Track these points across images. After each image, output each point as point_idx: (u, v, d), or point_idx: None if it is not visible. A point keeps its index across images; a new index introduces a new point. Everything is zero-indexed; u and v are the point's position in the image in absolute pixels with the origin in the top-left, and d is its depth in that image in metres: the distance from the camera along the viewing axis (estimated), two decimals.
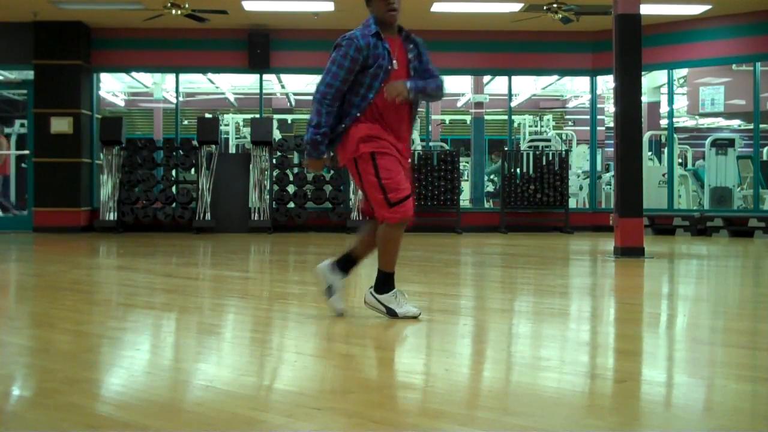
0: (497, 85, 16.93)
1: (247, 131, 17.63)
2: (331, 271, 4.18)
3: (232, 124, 19.41)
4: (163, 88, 17.06)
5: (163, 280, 6.68)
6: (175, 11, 11.28)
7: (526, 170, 13.61)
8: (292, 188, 13.40)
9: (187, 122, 18.76)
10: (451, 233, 12.99)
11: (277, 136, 14.88)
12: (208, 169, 13.12)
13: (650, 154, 15.27)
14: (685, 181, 14.34)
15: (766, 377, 3.08)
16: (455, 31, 13.44)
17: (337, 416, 2.41)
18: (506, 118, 15.40)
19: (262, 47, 13.48)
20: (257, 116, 14.34)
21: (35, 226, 13.13)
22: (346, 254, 4.22)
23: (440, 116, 20.72)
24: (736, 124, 20.62)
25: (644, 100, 13.99)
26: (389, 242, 4.06)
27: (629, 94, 8.40)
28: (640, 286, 6.43)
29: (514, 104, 16.47)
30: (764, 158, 14.70)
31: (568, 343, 3.83)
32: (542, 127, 20.82)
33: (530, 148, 15.74)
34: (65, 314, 4.62)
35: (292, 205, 13.26)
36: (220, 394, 2.68)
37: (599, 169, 15.80)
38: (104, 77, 16.21)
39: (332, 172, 13.51)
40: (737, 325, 4.40)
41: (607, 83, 16.34)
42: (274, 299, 5.42)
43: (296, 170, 13.61)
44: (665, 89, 14.92)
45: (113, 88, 19.41)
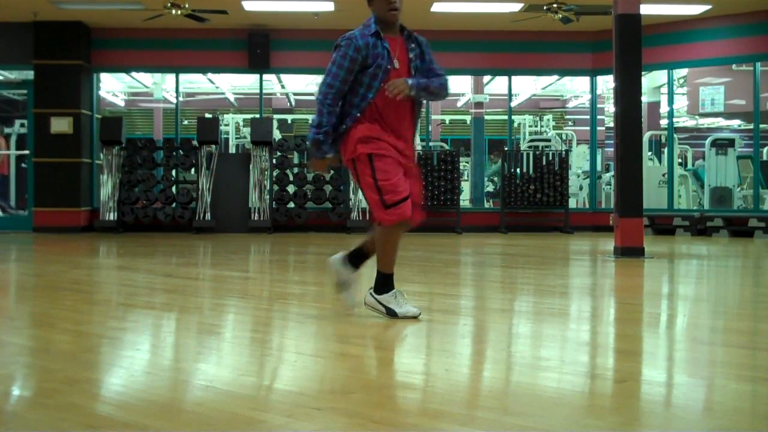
0: (497, 85, 16.93)
1: (247, 131, 17.63)
2: (342, 264, 4.19)
3: (232, 124, 19.41)
4: (163, 88, 17.06)
5: (163, 280, 6.68)
6: (175, 11, 11.29)
7: (526, 170, 13.61)
8: (292, 188, 13.40)
9: (187, 122, 18.76)
10: (451, 233, 12.99)
11: (277, 136, 14.89)
12: (208, 169, 13.13)
13: (650, 154, 15.27)
14: (685, 181, 14.34)
15: (766, 377, 3.08)
16: (455, 31, 13.44)
17: (337, 416, 2.41)
18: (506, 118, 15.40)
19: (262, 47, 13.48)
20: (257, 116, 14.34)
21: (35, 226, 13.13)
22: (357, 248, 4.22)
23: (440, 116, 20.73)
24: (736, 124, 20.62)
25: (644, 100, 13.99)
26: (386, 243, 4.06)
27: (629, 94, 8.40)
28: (640, 286, 6.43)
29: (514, 104, 16.47)
30: (764, 158, 14.71)
31: (568, 343, 3.83)
32: (542, 127, 20.82)
33: (530, 148, 15.74)
34: (65, 314, 4.62)
35: (292, 205, 13.26)
36: (220, 394, 2.68)
37: (599, 169, 15.80)
38: (104, 77, 16.22)
39: (332, 172, 13.51)
40: (737, 325, 4.40)
41: (607, 83, 16.34)
42: (274, 299, 5.42)
43: (296, 170, 13.61)
44: (665, 89, 14.92)
45: (113, 88, 19.41)
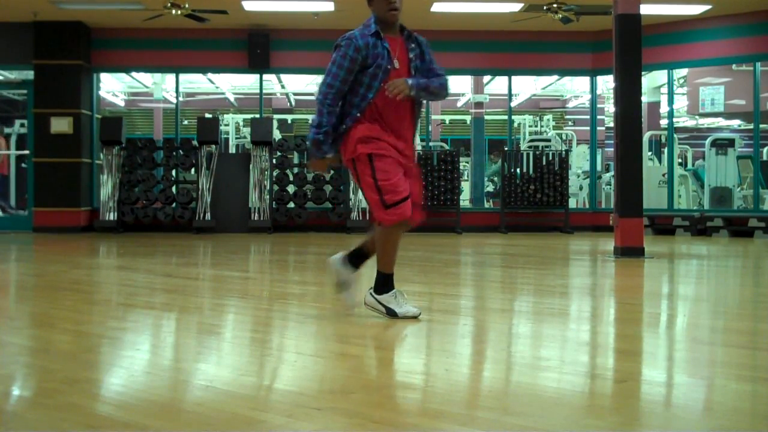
0: (497, 85, 16.93)
1: (247, 131, 17.63)
2: (342, 264, 4.20)
3: (232, 124, 19.41)
4: (163, 88, 17.06)
5: (163, 280, 6.68)
6: (175, 11, 11.29)
7: (526, 170, 13.61)
8: (292, 188, 13.40)
9: (187, 122, 18.75)
10: (451, 233, 12.98)
11: (277, 136, 14.90)
12: (208, 169, 13.13)
13: (650, 154, 15.27)
14: (685, 181, 14.34)
15: (766, 377, 3.08)
16: (455, 31, 13.44)
17: (337, 416, 2.41)
18: (506, 118, 15.40)
19: (262, 47, 13.48)
20: (257, 116, 14.34)
21: (35, 226, 13.13)
22: (357, 248, 4.23)
23: (440, 116, 20.72)
24: (736, 124, 20.62)
25: (644, 100, 13.99)
26: (386, 244, 4.06)
27: (629, 94, 8.40)
28: (640, 286, 6.43)
29: (514, 104, 16.47)
30: (764, 158, 14.71)
31: (568, 343, 3.83)
32: (542, 127, 20.82)
33: (530, 148, 15.74)
34: (65, 314, 4.62)
35: (292, 205, 13.26)
36: (220, 394, 2.68)
37: (599, 169, 15.80)
38: (104, 77, 16.22)
39: (332, 172, 13.51)
40: (737, 325, 4.40)
41: (607, 83, 16.34)
42: (274, 299, 5.42)
43: (296, 170, 13.61)
44: (665, 89, 14.92)
45: (113, 88, 19.41)
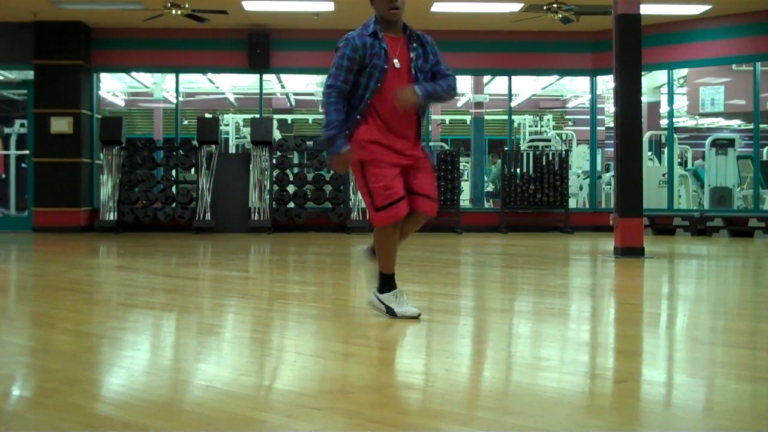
0: (497, 85, 16.93)
1: (247, 131, 17.64)
2: (368, 256, 4.30)
3: (232, 124, 19.42)
4: (163, 88, 17.06)
5: (163, 280, 6.68)
6: (175, 11, 11.29)
7: (526, 170, 13.61)
8: (292, 188, 13.40)
9: (187, 122, 18.76)
10: (451, 233, 12.98)
11: (277, 136, 14.90)
12: (208, 169, 13.13)
13: (650, 154, 15.27)
14: (685, 181, 14.34)
15: (766, 377, 3.08)
16: (455, 31, 13.43)
17: (337, 416, 2.41)
18: (506, 118, 15.40)
19: (262, 47, 13.48)
20: (257, 116, 14.34)
21: (35, 226, 13.13)
22: None
23: (440, 116, 20.73)
24: (736, 124, 20.63)
25: (644, 100, 14.00)
26: (382, 245, 4.12)
27: (629, 94, 8.40)
28: (640, 286, 6.43)
29: (514, 104, 16.48)
30: (764, 158, 14.71)
31: (568, 343, 3.83)
32: (542, 127, 20.83)
33: (530, 148, 15.74)
34: (65, 314, 4.62)
35: (292, 205, 13.26)
36: (220, 394, 2.68)
37: (599, 169, 15.80)
38: (104, 77, 16.23)
39: (332, 172, 13.52)
40: (737, 325, 4.40)
41: (607, 83, 16.34)
42: (274, 299, 5.42)
43: (296, 170, 13.62)
44: (665, 89, 14.93)
45: (113, 88, 19.42)
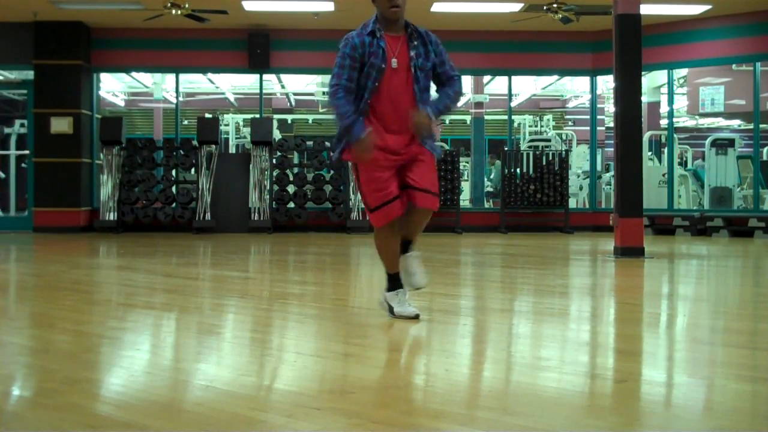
0: (497, 85, 16.93)
1: (247, 131, 17.64)
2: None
3: (232, 124, 19.42)
4: (163, 88, 17.06)
5: (163, 280, 6.68)
6: (175, 11, 11.28)
7: (526, 170, 13.61)
8: (292, 188, 13.40)
9: (187, 122, 18.76)
10: (451, 233, 12.98)
11: (277, 136, 14.90)
12: (208, 169, 13.13)
13: (650, 154, 15.27)
14: (685, 181, 14.34)
15: (766, 377, 3.08)
16: (455, 31, 13.43)
17: (337, 416, 2.41)
18: (506, 118, 15.40)
19: (262, 47, 13.48)
20: (257, 116, 14.34)
21: (35, 226, 13.13)
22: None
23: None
24: (736, 124, 20.63)
25: (644, 100, 14.00)
26: (381, 244, 4.19)
27: (629, 94, 8.40)
28: (640, 286, 6.43)
29: (514, 104, 16.48)
30: (764, 158, 14.71)
31: (568, 343, 3.83)
32: (542, 127, 20.83)
33: (530, 148, 15.75)
34: (65, 314, 4.62)
35: (292, 205, 13.26)
36: (220, 394, 2.68)
37: (599, 169, 15.80)
38: (104, 77, 16.23)
39: (332, 171, 13.52)
40: (737, 325, 4.40)
41: (607, 83, 16.34)
42: (274, 299, 5.42)
43: (296, 170, 13.62)
44: (665, 89, 14.93)
45: (113, 88, 19.41)
